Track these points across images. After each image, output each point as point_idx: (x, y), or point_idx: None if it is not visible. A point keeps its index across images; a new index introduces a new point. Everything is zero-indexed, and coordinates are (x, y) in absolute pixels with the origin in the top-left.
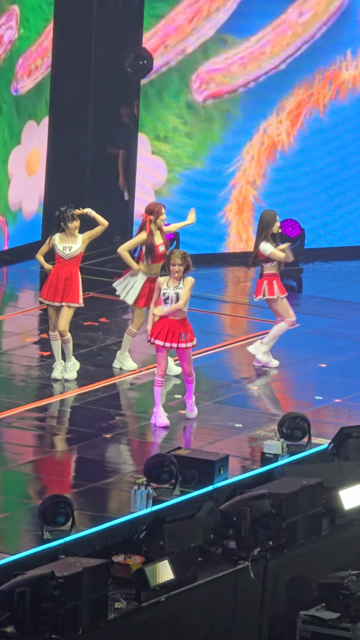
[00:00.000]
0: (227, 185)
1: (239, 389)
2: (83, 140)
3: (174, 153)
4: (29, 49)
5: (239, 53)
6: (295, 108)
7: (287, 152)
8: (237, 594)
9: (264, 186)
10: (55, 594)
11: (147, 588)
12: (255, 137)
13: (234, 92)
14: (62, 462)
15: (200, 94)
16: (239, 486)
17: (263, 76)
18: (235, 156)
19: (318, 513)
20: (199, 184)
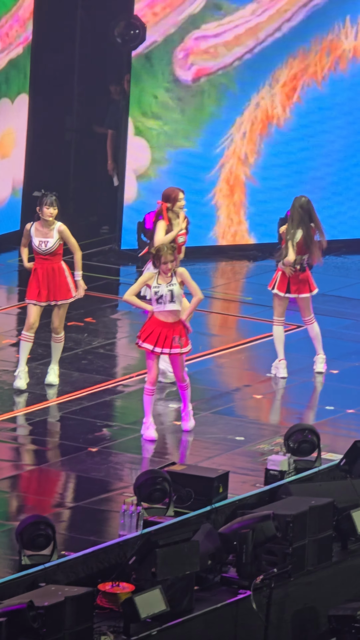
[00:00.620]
0: (216, 165)
1: (240, 397)
2: (67, 118)
3: (160, 131)
4: (2, 18)
5: (233, 21)
6: (290, 80)
7: (282, 127)
8: (237, 627)
9: (257, 164)
10: (34, 626)
11: (137, 620)
12: (247, 111)
13: (229, 65)
14: (43, 478)
15: (188, 68)
16: (239, 506)
17: (258, 47)
18: (225, 133)
19: (328, 537)
20: (185, 164)
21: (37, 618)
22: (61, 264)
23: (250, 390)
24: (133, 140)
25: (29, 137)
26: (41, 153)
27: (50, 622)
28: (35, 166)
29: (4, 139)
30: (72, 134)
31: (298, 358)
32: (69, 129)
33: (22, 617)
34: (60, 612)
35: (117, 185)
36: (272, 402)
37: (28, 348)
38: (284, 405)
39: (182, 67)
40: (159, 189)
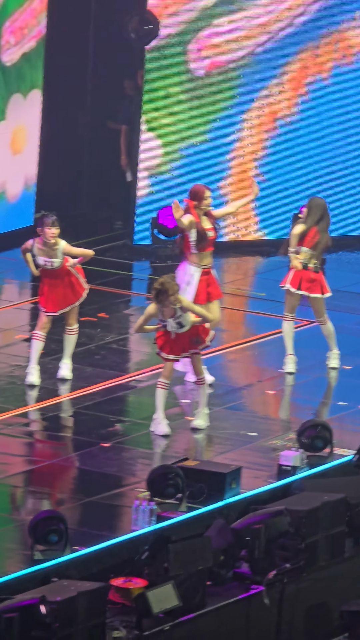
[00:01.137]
0: (224, 158)
1: (252, 393)
2: (80, 114)
3: (171, 126)
4: (16, 12)
5: (246, 16)
6: (298, 74)
7: (290, 121)
8: (249, 622)
9: (264, 158)
10: (46, 621)
11: (150, 615)
12: (256, 104)
13: (240, 59)
14: (55, 473)
15: (201, 62)
16: (252, 502)
17: (270, 41)
18: (234, 126)
19: (341, 532)
20: (197, 159)
21: (49, 613)
22: (67, 270)
23: (262, 386)
24: (145, 135)
25: (43, 132)
26: (54, 148)
27: (62, 617)
28: (48, 162)
29: (17, 135)
30: (85, 129)
31: (310, 354)
32: (82, 124)
33: (34, 612)
34: (73, 607)
35: (130, 181)
36: (284, 397)
37: (40, 347)
38: (296, 400)
39: (195, 62)
40: (171, 184)
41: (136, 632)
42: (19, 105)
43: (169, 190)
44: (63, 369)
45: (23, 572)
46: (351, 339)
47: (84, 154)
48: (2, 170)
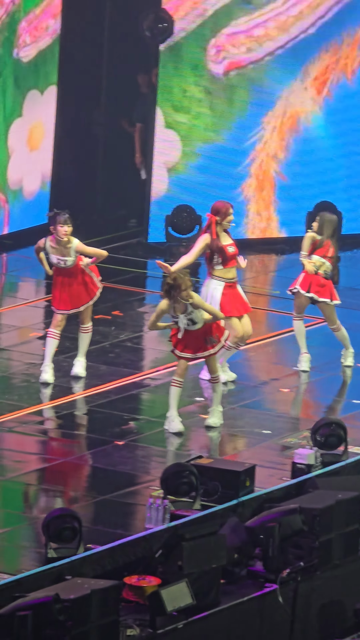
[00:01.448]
0: (245, 159)
1: (267, 391)
2: (95, 112)
3: (190, 125)
4: (33, 11)
5: (264, 14)
6: (321, 74)
7: (312, 123)
8: (263, 620)
9: (286, 160)
10: (60, 619)
11: (163, 613)
12: (277, 106)
13: (260, 59)
14: (69, 471)
15: (219, 62)
16: (266, 500)
17: (290, 42)
18: (256, 127)
19: (355, 530)
20: (216, 159)
21: (62, 611)
22: (80, 268)
23: (277, 384)
24: (163, 134)
25: (57, 130)
26: (69, 146)
27: (76, 615)
28: (63, 160)
29: (34, 131)
30: (99, 127)
31: (324, 352)
32: (96, 122)
33: (48, 610)
34: (86, 605)
35: (144, 179)
36: (298, 395)
37: (54, 345)
38: (311, 398)
39: (213, 61)
40: (188, 183)
41: (150, 630)
42: (36, 101)
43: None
44: (77, 367)
45: (37, 570)
46: None
47: (99, 152)
48: (19, 167)
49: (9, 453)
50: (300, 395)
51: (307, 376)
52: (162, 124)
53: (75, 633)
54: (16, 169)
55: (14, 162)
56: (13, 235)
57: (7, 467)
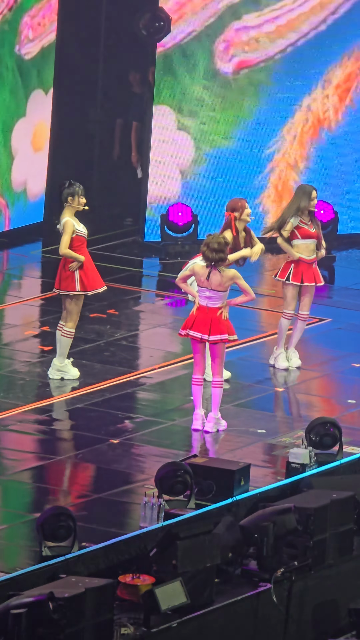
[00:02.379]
0: (265, 168)
1: (262, 390)
2: (91, 111)
3: (200, 129)
4: (34, 6)
5: (275, 11)
6: (344, 81)
7: (333, 131)
8: (257, 619)
9: (307, 169)
10: (54, 617)
11: (158, 612)
12: (297, 114)
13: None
14: (64, 470)
15: (229, 62)
16: (261, 499)
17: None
18: (274, 136)
19: (349, 530)
20: (229, 166)
21: (57, 609)
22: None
23: (271, 383)
24: (177, 135)
25: (53, 129)
26: (65, 145)
27: (70, 614)
28: (59, 158)
29: (38, 132)
30: (96, 126)
31: (320, 351)
32: (93, 120)
33: (42, 609)
34: (81, 603)
35: (140, 177)
36: (294, 395)
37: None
38: (305, 398)
39: (222, 61)
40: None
41: (144, 628)
42: (40, 101)
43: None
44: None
45: (31, 568)
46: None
47: (95, 151)
48: (23, 168)
49: (5, 451)
50: (296, 394)
51: (303, 375)
52: (174, 126)
53: (69, 631)
54: (20, 170)
55: (18, 164)
56: (10, 234)
57: (3, 465)
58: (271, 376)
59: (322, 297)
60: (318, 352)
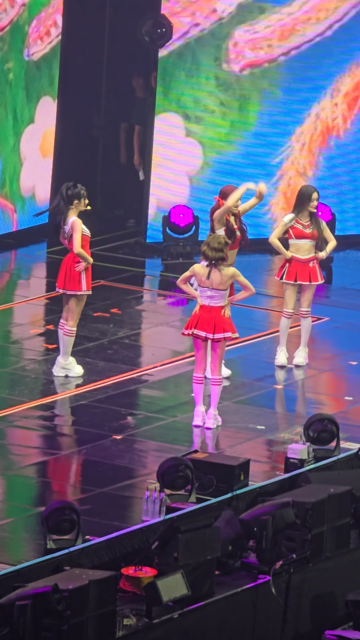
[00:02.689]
0: (274, 175)
1: (261, 387)
2: (95, 115)
3: (207, 135)
4: (42, 10)
5: (282, 19)
6: (353, 90)
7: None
8: (256, 611)
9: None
10: (58, 608)
11: (159, 603)
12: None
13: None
14: (68, 465)
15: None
16: (260, 493)
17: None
18: (284, 143)
19: (346, 524)
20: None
21: (61, 601)
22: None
23: (271, 381)
24: (184, 142)
25: (58, 133)
26: (69, 148)
27: (74, 605)
28: (64, 161)
29: (46, 138)
30: (99, 130)
31: (318, 349)
32: (96, 125)
33: (47, 600)
34: (84, 595)
35: (142, 180)
36: (292, 392)
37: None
38: (304, 395)
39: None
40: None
41: (146, 619)
42: (49, 108)
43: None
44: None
45: (36, 560)
46: (357, 335)
47: (98, 154)
48: (31, 174)
49: (11, 447)
50: (294, 391)
51: (301, 373)
52: (182, 133)
53: (73, 622)
54: (28, 176)
55: (26, 170)
56: (16, 235)
57: (9, 460)
58: (271, 374)
59: (321, 296)
60: (316, 351)
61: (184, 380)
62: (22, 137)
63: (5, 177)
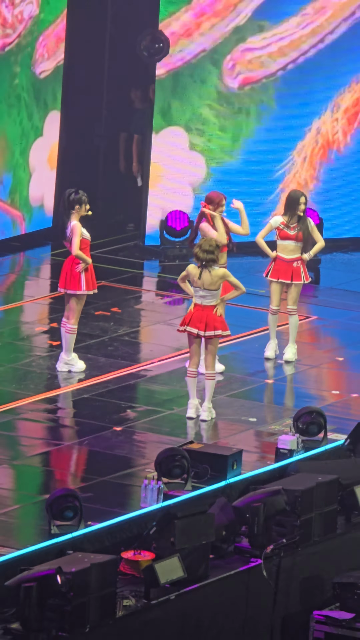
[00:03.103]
0: (275, 189)
1: (253, 382)
2: (96, 125)
3: (209, 148)
4: (49, 27)
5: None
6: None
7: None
8: (249, 592)
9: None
10: (62, 590)
11: (157, 585)
12: (309, 134)
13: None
14: (71, 455)
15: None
16: (252, 482)
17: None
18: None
19: (333, 510)
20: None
21: (65, 583)
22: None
23: (262, 375)
24: (188, 155)
25: (61, 141)
26: (72, 156)
27: (77, 587)
28: (67, 169)
29: (54, 150)
30: (100, 139)
31: (307, 345)
32: (97, 134)
33: (51, 582)
34: (86, 577)
35: (141, 186)
36: (282, 386)
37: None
38: (293, 389)
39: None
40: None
41: (144, 601)
42: (56, 121)
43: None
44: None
45: (41, 545)
46: (344, 333)
47: (99, 162)
48: (40, 185)
49: (17, 437)
50: (284, 386)
51: (291, 368)
52: (187, 146)
53: (76, 603)
54: (37, 187)
55: (35, 181)
56: (23, 237)
57: (14, 451)
58: (262, 369)
59: (309, 296)
60: (305, 347)
61: (180, 375)
62: (30, 149)
63: (14, 187)
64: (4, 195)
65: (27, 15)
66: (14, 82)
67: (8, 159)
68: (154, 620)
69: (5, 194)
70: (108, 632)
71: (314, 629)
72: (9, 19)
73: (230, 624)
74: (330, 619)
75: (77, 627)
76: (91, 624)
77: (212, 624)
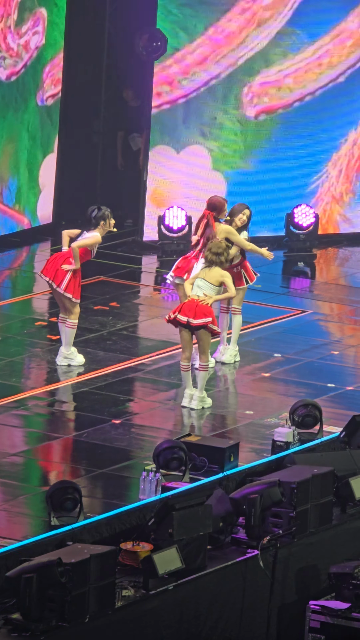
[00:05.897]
0: (310, 201)
1: (250, 375)
2: (94, 122)
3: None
4: (57, 56)
5: (295, 65)
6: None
7: None
8: (246, 583)
9: (352, 202)
10: (62, 581)
11: (155, 576)
12: (343, 147)
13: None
14: (71, 447)
15: (252, 108)
16: (249, 474)
17: (319, 90)
18: (319, 170)
19: (329, 502)
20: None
21: (64, 574)
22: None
23: (259, 369)
24: (211, 175)
25: (61, 139)
26: (71, 154)
27: (76, 577)
28: (66, 165)
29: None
30: (99, 136)
31: (302, 340)
32: (96, 132)
33: (51, 573)
34: (86, 568)
35: (140, 183)
36: (278, 379)
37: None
38: (289, 382)
39: (246, 108)
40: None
41: (143, 591)
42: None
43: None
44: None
45: (41, 536)
46: (339, 326)
47: (98, 159)
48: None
49: (16, 430)
50: (280, 379)
51: (287, 362)
52: (210, 165)
53: (75, 593)
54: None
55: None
56: (22, 233)
57: (14, 443)
58: (258, 362)
59: (305, 290)
60: (301, 341)
61: (177, 369)
62: (41, 165)
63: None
64: (10, 202)
65: (34, 46)
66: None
67: (15, 169)
68: (153, 610)
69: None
70: (107, 622)
71: (310, 619)
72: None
73: (228, 613)
74: (326, 608)
75: (77, 617)
76: (91, 614)
77: (210, 614)
